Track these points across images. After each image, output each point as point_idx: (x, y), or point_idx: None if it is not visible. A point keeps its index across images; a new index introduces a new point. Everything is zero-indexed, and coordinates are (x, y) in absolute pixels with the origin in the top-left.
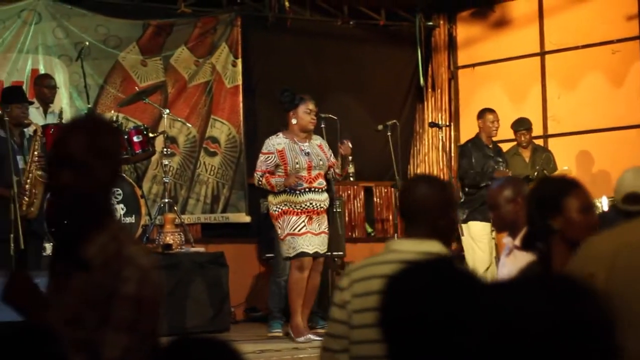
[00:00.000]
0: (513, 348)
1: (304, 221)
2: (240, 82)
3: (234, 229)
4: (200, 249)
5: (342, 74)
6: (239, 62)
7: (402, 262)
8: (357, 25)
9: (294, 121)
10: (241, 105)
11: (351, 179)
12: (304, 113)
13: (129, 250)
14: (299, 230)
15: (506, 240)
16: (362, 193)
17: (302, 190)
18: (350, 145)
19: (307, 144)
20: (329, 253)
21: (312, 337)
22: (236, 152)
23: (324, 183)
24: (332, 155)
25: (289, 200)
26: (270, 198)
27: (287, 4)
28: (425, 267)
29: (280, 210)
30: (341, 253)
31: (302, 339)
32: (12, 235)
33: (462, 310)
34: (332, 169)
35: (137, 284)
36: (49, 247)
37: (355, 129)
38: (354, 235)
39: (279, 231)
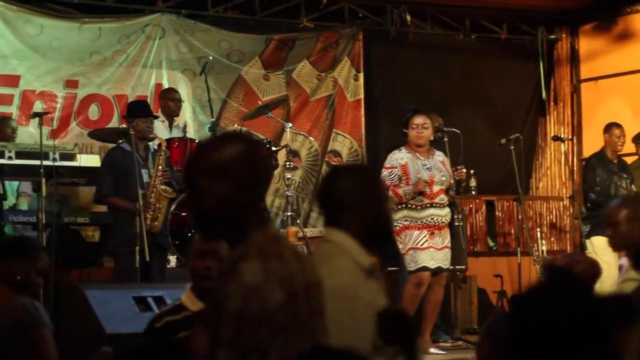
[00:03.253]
0: None
1: (425, 235)
2: (362, 95)
3: None
4: None
5: (464, 88)
6: (361, 76)
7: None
8: (479, 39)
9: (408, 138)
10: (363, 119)
11: (473, 192)
12: (411, 128)
13: (245, 266)
14: (421, 245)
15: (623, 261)
16: (484, 207)
17: (424, 206)
18: (464, 170)
19: (429, 159)
20: (452, 267)
21: (434, 350)
22: None
23: (445, 199)
24: (451, 175)
25: (410, 215)
26: None
27: (408, 17)
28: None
29: (401, 224)
30: (463, 267)
31: None
32: (137, 248)
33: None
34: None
35: (239, 300)
36: (173, 260)
37: (477, 142)
38: (475, 249)
39: (401, 246)
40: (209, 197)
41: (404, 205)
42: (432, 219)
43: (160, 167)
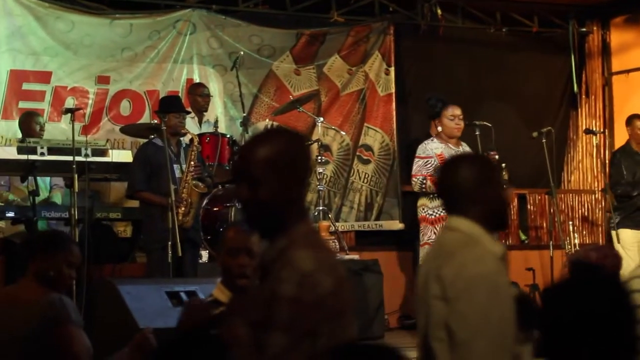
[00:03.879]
0: None
1: None
2: (393, 90)
3: (388, 236)
4: (355, 256)
5: (495, 81)
6: (392, 70)
7: None
8: (510, 32)
9: (439, 128)
10: (394, 113)
11: (504, 186)
12: (447, 119)
13: (297, 253)
14: None
15: None
16: (516, 200)
17: None
18: (497, 157)
19: (459, 149)
20: None
21: None
22: (389, 159)
23: None
24: None
25: None
26: (425, 201)
27: (439, 11)
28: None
29: (437, 215)
30: None
31: None
32: (169, 243)
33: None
34: None
35: (295, 286)
36: (205, 255)
37: (509, 136)
38: (507, 243)
39: (435, 236)
40: (265, 187)
41: None
42: None
43: (192, 163)
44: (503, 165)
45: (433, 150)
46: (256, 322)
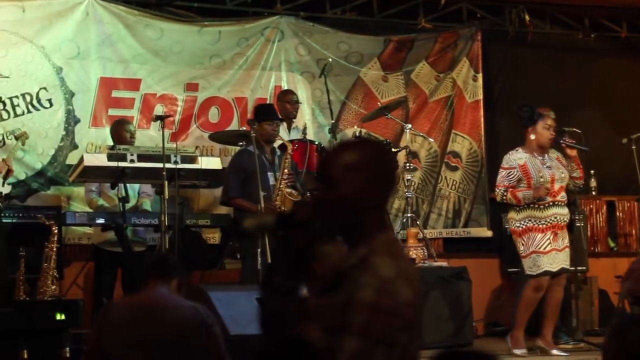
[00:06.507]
0: None
1: (549, 238)
2: (481, 96)
3: (476, 243)
4: (443, 263)
5: (583, 87)
6: (480, 76)
7: None
8: (598, 37)
9: (532, 137)
10: (482, 119)
11: (593, 193)
12: (543, 129)
13: (378, 260)
14: (544, 249)
15: None
16: (605, 207)
17: (547, 205)
18: (569, 140)
19: (546, 157)
20: (573, 268)
21: (556, 352)
22: (477, 166)
23: (566, 197)
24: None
25: (533, 215)
26: (513, 214)
27: (527, 17)
28: None
29: (524, 226)
30: (584, 268)
31: (519, 351)
32: (259, 250)
33: None
34: (572, 180)
35: (374, 292)
36: None
37: (598, 142)
38: (596, 250)
39: (522, 248)
40: (342, 187)
41: (526, 205)
42: (555, 217)
43: (285, 171)
44: (592, 172)
45: (516, 161)
46: (331, 327)
